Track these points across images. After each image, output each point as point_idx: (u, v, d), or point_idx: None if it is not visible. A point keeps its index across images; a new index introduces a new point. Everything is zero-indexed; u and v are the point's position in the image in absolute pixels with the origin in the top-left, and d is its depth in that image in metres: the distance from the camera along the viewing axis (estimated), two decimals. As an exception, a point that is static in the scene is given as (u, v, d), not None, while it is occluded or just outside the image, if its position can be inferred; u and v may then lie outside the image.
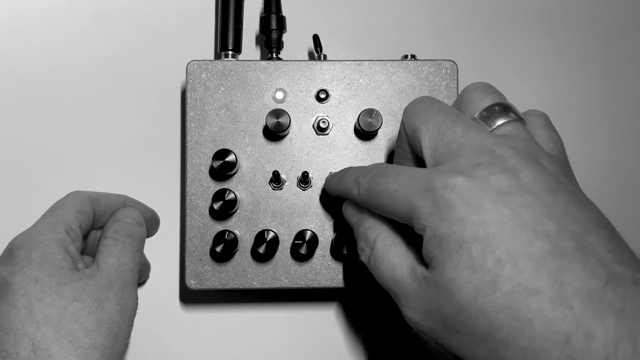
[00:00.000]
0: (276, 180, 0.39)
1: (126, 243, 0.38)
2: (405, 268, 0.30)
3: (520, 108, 0.48)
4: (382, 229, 0.32)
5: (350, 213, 0.35)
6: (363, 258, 0.33)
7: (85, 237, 0.40)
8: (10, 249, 0.36)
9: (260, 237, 0.39)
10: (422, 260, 0.29)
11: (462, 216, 0.27)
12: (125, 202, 0.42)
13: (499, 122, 0.31)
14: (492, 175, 0.27)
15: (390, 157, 0.41)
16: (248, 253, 0.40)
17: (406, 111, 0.32)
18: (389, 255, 0.31)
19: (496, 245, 0.26)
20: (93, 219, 0.39)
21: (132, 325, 0.37)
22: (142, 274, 0.44)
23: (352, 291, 0.45)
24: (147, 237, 0.44)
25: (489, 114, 0.31)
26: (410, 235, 0.31)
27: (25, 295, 0.33)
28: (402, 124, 0.33)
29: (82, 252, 0.41)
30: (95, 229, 0.41)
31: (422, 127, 0.31)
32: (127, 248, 0.38)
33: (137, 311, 0.45)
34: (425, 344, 0.45)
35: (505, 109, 0.31)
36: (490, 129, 0.31)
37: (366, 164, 0.40)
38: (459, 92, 0.42)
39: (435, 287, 0.28)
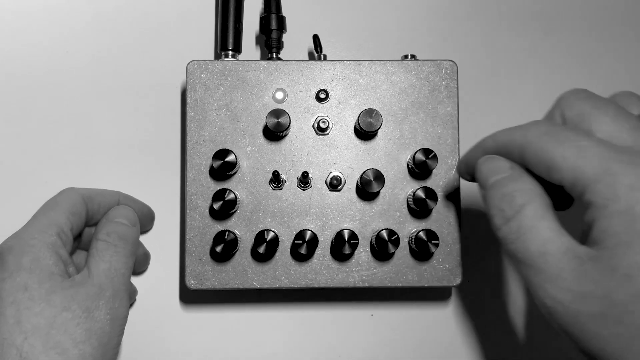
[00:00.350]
0: (276, 180, 0.39)
1: (118, 247, 0.37)
2: (560, 244, 0.27)
3: (520, 108, 0.48)
4: (536, 195, 0.29)
5: (492, 168, 0.31)
6: (499, 220, 0.30)
7: (79, 235, 0.40)
8: (0, 253, 0.34)
9: (260, 237, 0.39)
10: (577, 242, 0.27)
11: None
12: (120, 199, 0.41)
13: None
14: None
15: (389, 158, 0.41)
16: (248, 253, 0.40)
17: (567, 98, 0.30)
18: (539, 226, 0.28)
19: None
20: (86, 219, 0.38)
21: (123, 333, 0.36)
22: (141, 263, 0.43)
23: (352, 291, 0.45)
24: (142, 233, 0.43)
25: None
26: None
27: (14, 303, 0.32)
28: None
29: (77, 248, 0.40)
30: (89, 227, 0.40)
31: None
32: (119, 252, 0.37)
33: (137, 311, 0.45)
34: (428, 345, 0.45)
35: None
36: None
37: (366, 164, 0.40)
38: (459, 92, 0.42)
39: (609, 270, 0.25)
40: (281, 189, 0.40)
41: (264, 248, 0.38)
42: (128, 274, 0.37)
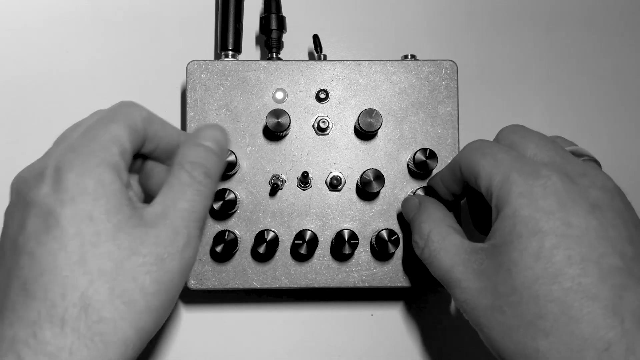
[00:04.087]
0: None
1: (203, 184, 0.30)
2: (463, 254, 0.32)
3: (520, 108, 0.48)
4: (439, 220, 0.34)
5: (408, 207, 0.37)
6: (417, 251, 0.35)
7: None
8: (58, 168, 0.27)
9: (260, 237, 0.39)
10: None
11: (551, 209, 0.28)
12: (182, 138, 0.33)
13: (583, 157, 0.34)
14: (592, 190, 0.29)
15: (389, 157, 0.41)
16: (248, 253, 0.40)
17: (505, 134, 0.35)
18: (445, 246, 0.33)
19: (571, 246, 0.28)
20: (143, 142, 0.31)
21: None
22: None
23: (352, 291, 0.45)
24: None
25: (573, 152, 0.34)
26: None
27: (77, 235, 0.26)
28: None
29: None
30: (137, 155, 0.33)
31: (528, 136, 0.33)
32: (202, 191, 0.30)
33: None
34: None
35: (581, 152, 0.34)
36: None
37: (366, 164, 0.40)
38: (459, 92, 0.42)
39: (497, 265, 0.29)
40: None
41: (264, 248, 0.38)
42: (205, 218, 0.31)
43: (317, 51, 0.43)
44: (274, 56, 0.42)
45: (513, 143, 0.33)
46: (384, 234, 0.39)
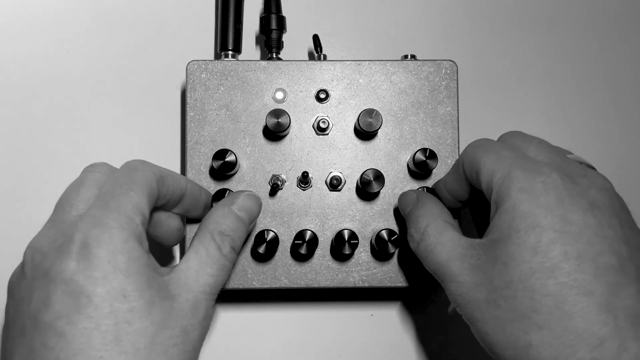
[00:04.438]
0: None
1: (228, 258, 0.31)
2: (460, 249, 0.32)
3: (520, 108, 0.48)
4: (436, 215, 0.34)
5: (404, 202, 0.37)
6: (412, 245, 0.35)
7: None
8: (85, 243, 0.26)
9: (260, 237, 0.39)
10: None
11: (550, 206, 0.29)
12: (188, 186, 0.35)
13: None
14: (591, 190, 0.30)
15: (389, 157, 0.41)
16: (248, 253, 0.40)
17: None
18: (441, 240, 0.33)
19: (569, 242, 0.28)
20: (156, 202, 0.31)
21: None
22: (176, 239, 0.37)
23: (352, 291, 0.45)
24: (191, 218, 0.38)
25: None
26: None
27: (111, 314, 0.26)
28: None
29: None
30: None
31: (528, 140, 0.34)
32: (226, 267, 0.31)
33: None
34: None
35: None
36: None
37: (366, 164, 0.40)
38: (459, 92, 0.42)
39: (493, 259, 0.30)
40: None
41: (264, 248, 0.38)
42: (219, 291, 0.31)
43: (317, 51, 0.43)
44: (274, 56, 0.42)
45: (514, 145, 0.34)
46: (384, 234, 0.39)
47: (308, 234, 0.39)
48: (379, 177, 0.38)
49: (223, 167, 0.38)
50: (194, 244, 0.30)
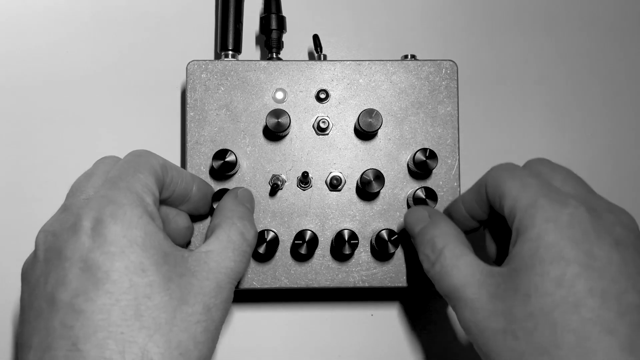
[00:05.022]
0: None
1: (249, 244, 0.32)
2: (478, 274, 0.31)
3: (520, 108, 0.48)
4: (453, 237, 0.33)
5: (415, 218, 0.36)
6: (426, 265, 0.34)
7: None
8: (99, 219, 0.26)
9: (260, 237, 0.39)
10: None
11: (576, 239, 0.28)
12: (195, 183, 0.35)
13: None
14: (617, 227, 0.29)
15: (389, 157, 0.41)
16: (248, 253, 0.40)
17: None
18: (458, 264, 0.32)
19: (594, 278, 0.27)
20: (162, 190, 0.31)
21: None
22: (185, 237, 0.37)
23: (352, 291, 0.45)
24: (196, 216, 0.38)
25: None
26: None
27: (131, 288, 0.25)
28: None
29: None
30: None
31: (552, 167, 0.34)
32: (247, 254, 0.31)
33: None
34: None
35: None
36: None
37: (366, 164, 0.40)
38: (459, 92, 0.42)
39: (513, 289, 0.29)
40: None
41: (264, 248, 0.38)
42: (239, 279, 0.31)
43: (317, 51, 0.43)
44: (274, 56, 0.42)
45: (540, 172, 0.33)
46: (384, 234, 0.39)
47: (308, 234, 0.39)
48: (379, 177, 0.38)
49: (223, 167, 0.38)
50: (215, 231, 0.30)
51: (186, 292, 0.27)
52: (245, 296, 0.45)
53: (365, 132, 0.39)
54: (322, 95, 0.40)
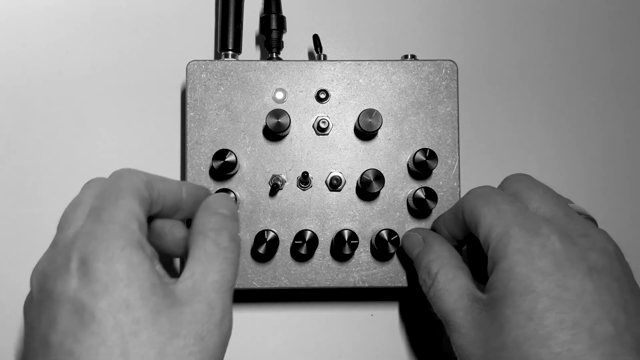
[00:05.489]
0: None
1: (229, 249, 0.29)
2: (466, 300, 0.32)
3: (520, 108, 0.48)
4: (446, 260, 0.34)
5: (411, 244, 0.37)
6: (424, 289, 0.35)
7: None
8: (83, 259, 0.26)
9: (260, 237, 0.39)
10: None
11: (547, 270, 0.28)
12: (184, 189, 0.33)
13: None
14: (592, 253, 0.29)
15: (389, 158, 0.41)
16: (248, 253, 0.40)
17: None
18: (450, 288, 0.33)
19: (565, 310, 0.27)
20: (150, 208, 0.30)
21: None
22: (183, 248, 0.35)
23: (352, 291, 0.45)
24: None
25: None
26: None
27: (116, 327, 0.25)
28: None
29: None
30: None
31: (534, 188, 0.33)
32: (230, 259, 0.29)
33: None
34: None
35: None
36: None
37: (366, 164, 0.40)
38: (459, 92, 0.42)
39: (491, 318, 0.29)
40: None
41: (264, 248, 0.38)
42: (234, 286, 0.30)
43: (317, 51, 0.43)
44: (274, 56, 0.42)
45: (517, 192, 0.33)
46: (384, 234, 0.39)
47: (308, 234, 0.39)
48: (379, 177, 0.38)
49: (223, 167, 0.38)
50: (191, 252, 0.30)
51: (176, 323, 0.26)
52: (245, 296, 0.45)
53: (365, 132, 0.39)
54: (322, 95, 0.40)
